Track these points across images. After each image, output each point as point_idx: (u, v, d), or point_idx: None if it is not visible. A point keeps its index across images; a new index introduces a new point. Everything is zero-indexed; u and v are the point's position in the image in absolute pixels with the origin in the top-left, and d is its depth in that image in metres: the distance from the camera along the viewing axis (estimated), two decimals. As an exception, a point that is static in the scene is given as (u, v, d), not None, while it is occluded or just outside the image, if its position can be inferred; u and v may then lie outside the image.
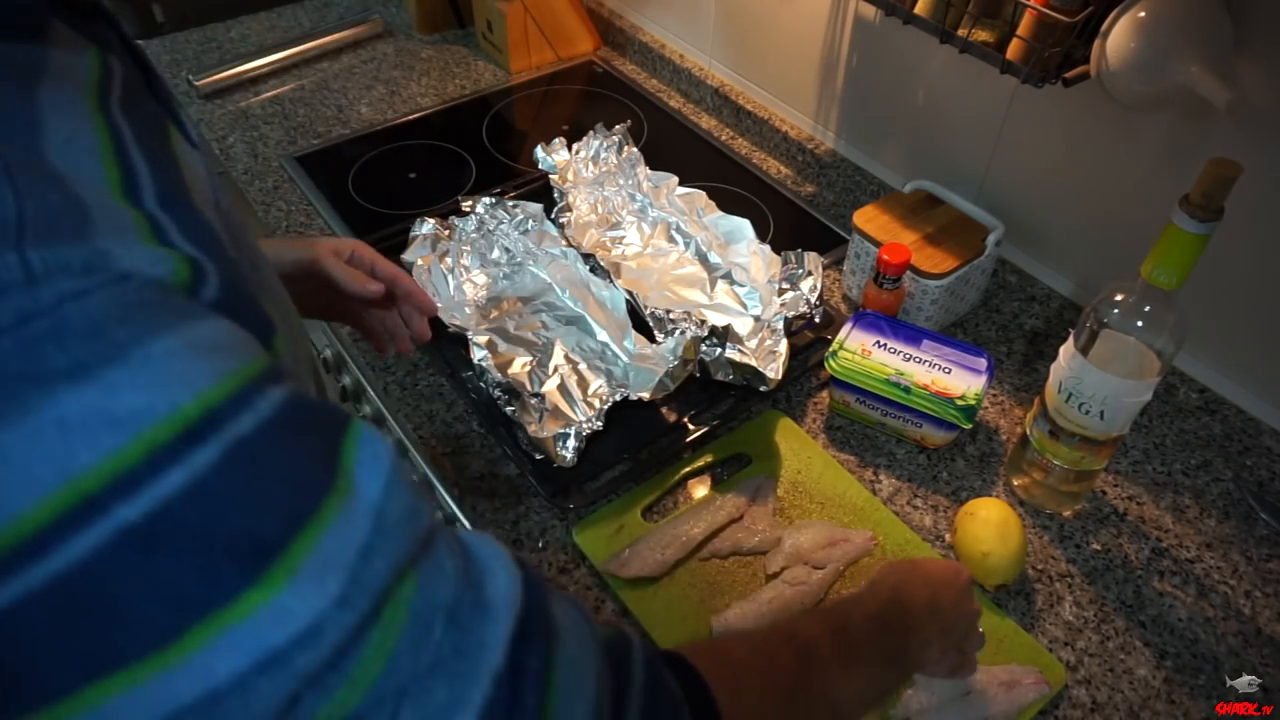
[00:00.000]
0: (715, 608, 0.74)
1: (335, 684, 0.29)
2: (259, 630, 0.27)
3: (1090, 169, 0.93)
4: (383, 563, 0.30)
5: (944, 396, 0.82)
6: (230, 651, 0.27)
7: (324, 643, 0.28)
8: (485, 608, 0.34)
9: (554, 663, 0.36)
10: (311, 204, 1.16)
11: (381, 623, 0.30)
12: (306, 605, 0.28)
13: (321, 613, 0.28)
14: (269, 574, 0.28)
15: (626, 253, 1.04)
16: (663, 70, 1.42)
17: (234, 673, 0.27)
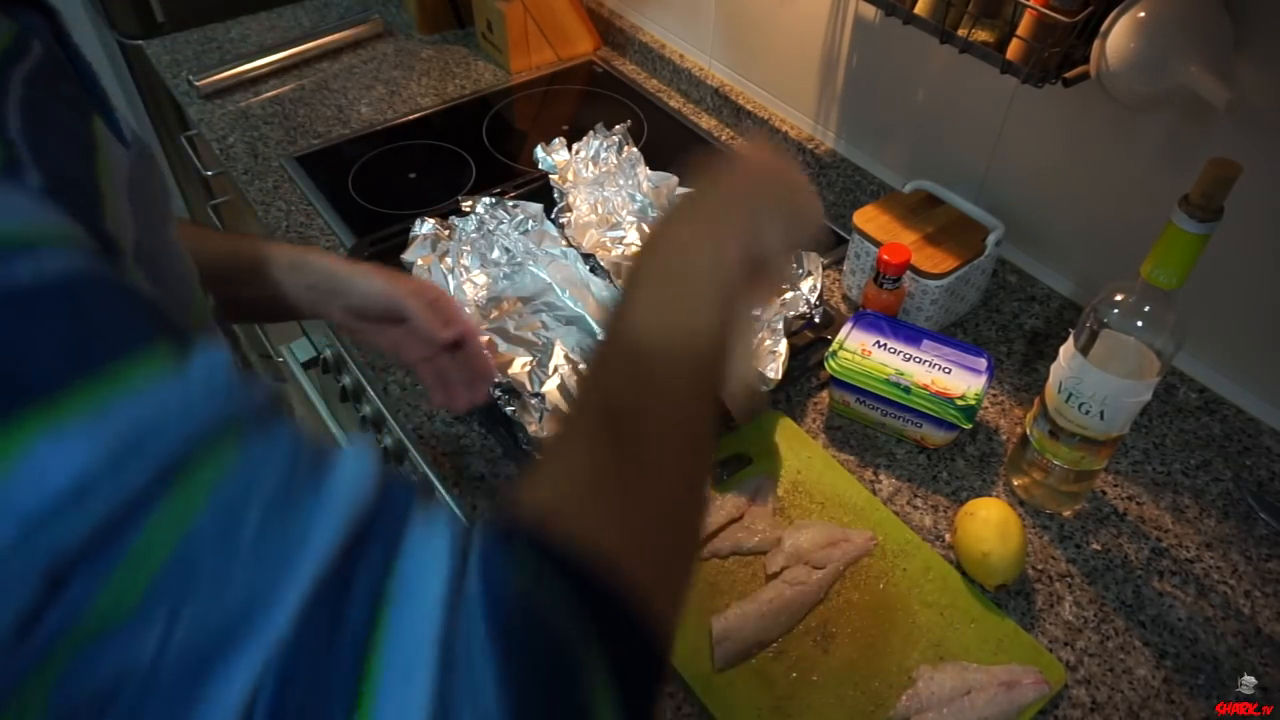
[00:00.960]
0: (715, 608, 0.74)
1: (106, 568, 0.25)
2: (7, 487, 0.24)
3: (1090, 169, 0.93)
4: (177, 430, 0.27)
5: (944, 396, 0.82)
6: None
7: (88, 511, 0.25)
8: (320, 495, 0.30)
9: (396, 568, 0.30)
10: (311, 204, 1.16)
11: (171, 500, 0.27)
12: (69, 460, 0.25)
13: (88, 473, 0.25)
14: (24, 419, 0.25)
15: (627, 253, 1.04)
16: (663, 70, 1.42)
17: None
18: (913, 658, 0.72)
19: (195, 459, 0.28)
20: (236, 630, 0.27)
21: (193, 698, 0.26)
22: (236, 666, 0.27)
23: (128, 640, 0.26)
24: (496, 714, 0.29)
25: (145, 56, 1.46)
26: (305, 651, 0.28)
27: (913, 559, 0.78)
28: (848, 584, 0.77)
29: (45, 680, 0.25)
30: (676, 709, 0.70)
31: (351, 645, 0.28)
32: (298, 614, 0.28)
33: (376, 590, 0.29)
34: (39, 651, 0.25)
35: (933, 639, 0.73)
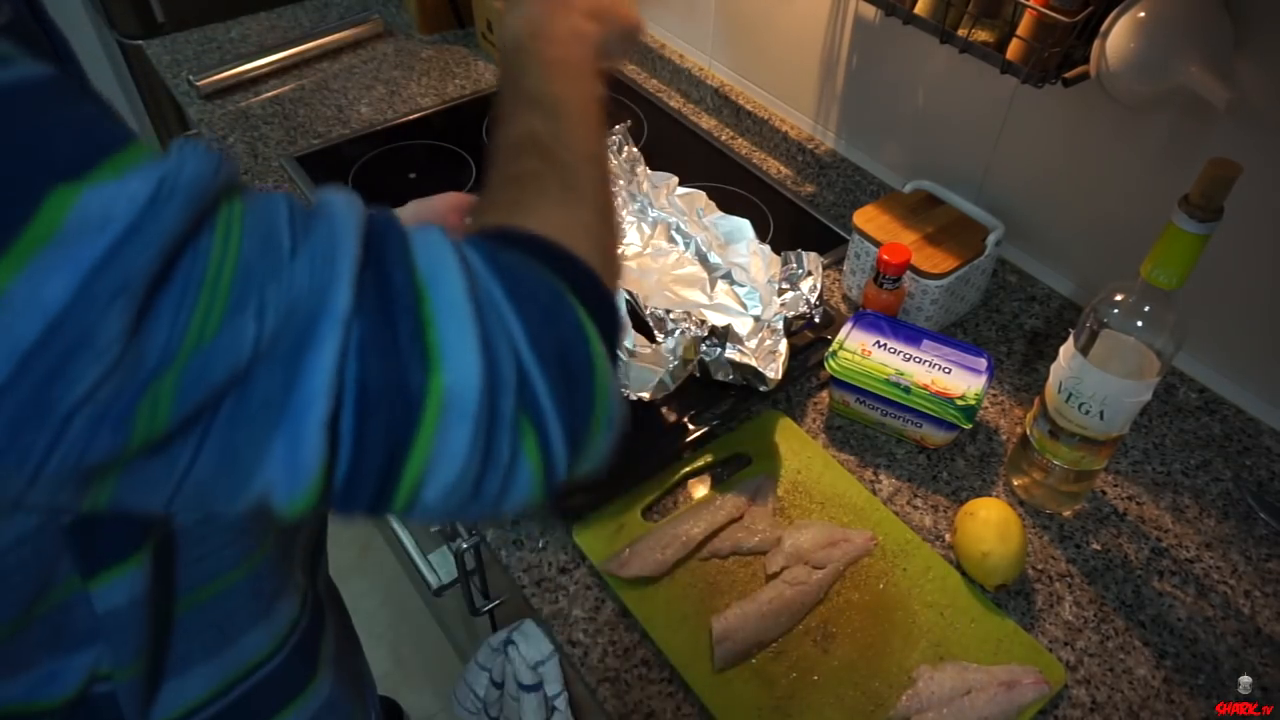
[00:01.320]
0: (715, 608, 0.74)
1: (192, 294, 0.32)
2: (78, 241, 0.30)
3: (1090, 169, 0.93)
4: (195, 174, 0.33)
5: (944, 396, 0.82)
6: (58, 270, 0.29)
7: (147, 238, 0.31)
8: (329, 214, 0.37)
9: (413, 250, 0.38)
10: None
11: (216, 230, 0.33)
12: (117, 206, 0.30)
13: (136, 211, 0.31)
14: (70, 186, 0.30)
15: (626, 253, 1.04)
16: (663, 70, 1.42)
17: (69, 291, 0.29)
18: (913, 658, 0.72)
19: (219, 203, 0.34)
20: (312, 312, 0.34)
21: (295, 368, 0.34)
22: (322, 337, 0.34)
23: (229, 341, 0.33)
24: (524, 340, 0.38)
25: (145, 56, 1.46)
26: (371, 319, 0.35)
27: (913, 559, 0.78)
28: (848, 584, 0.77)
29: (168, 382, 0.32)
30: (676, 709, 0.70)
31: (407, 312, 0.36)
32: (355, 292, 0.35)
33: (409, 268, 0.37)
34: (158, 365, 0.31)
35: (933, 639, 0.73)
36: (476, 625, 1.23)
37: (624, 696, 0.70)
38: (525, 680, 0.84)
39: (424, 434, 0.36)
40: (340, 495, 0.37)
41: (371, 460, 0.36)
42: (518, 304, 0.39)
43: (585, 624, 0.75)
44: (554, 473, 0.40)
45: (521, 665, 0.84)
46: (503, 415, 0.37)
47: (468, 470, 0.37)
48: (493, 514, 0.40)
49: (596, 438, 0.41)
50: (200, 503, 0.36)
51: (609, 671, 0.72)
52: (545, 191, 0.47)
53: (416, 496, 0.37)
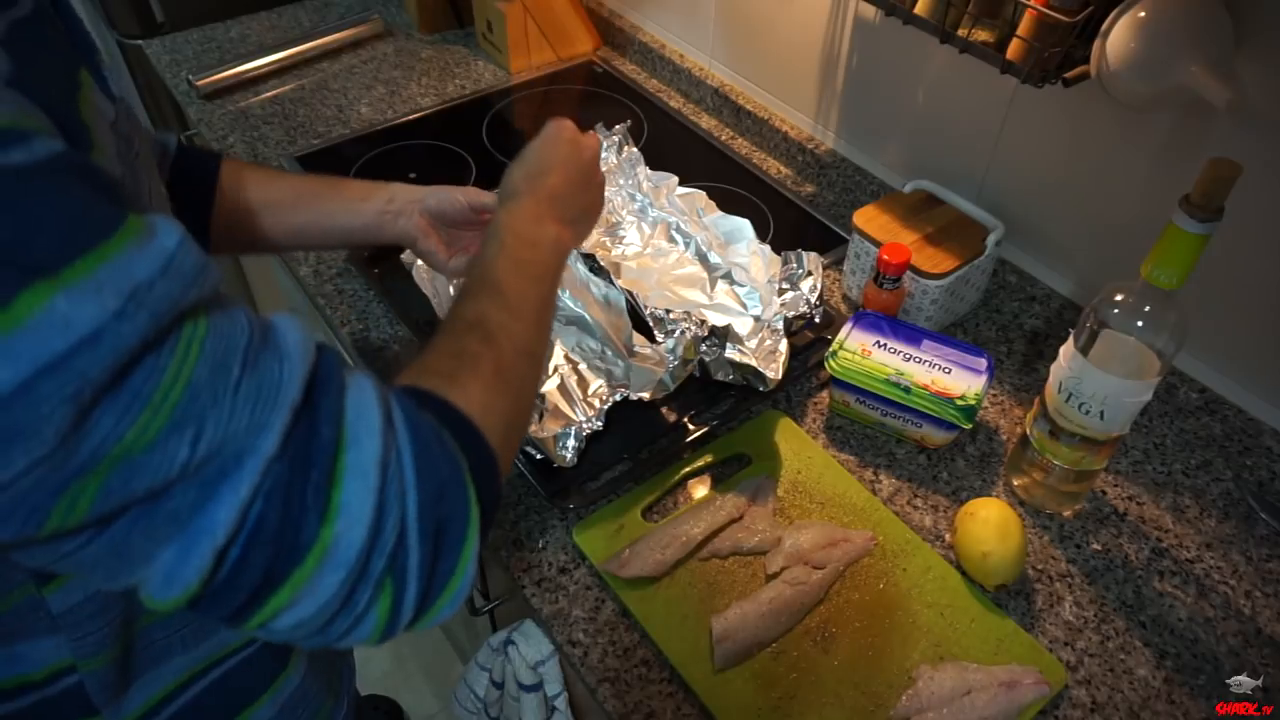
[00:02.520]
0: (715, 608, 0.74)
1: (136, 407, 0.34)
2: (38, 337, 0.31)
3: (1090, 169, 0.93)
4: (165, 292, 0.34)
5: (944, 396, 0.82)
6: (9, 359, 0.31)
7: (104, 349, 0.32)
8: (281, 353, 0.39)
9: (345, 405, 0.41)
10: (311, 204, 1.16)
11: (175, 352, 0.35)
12: (83, 313, 0.32)
13: (100, 322, 0.32)
14: (43, 285, 0.31)
15: (626, 253, 1.04)
16: (663, 70, 1.42)
17: (15, 380, 0.31)
18: (913, 658, 0.72)
19: (184, 320, 0.36)
20: (241, 450, 0.37)
21: (208, 495, 0.36)
22: (242, 474, 0.37)
23: (160, 458, 0.35)
24: (414, 511, 0.42)
25: (145, 56, 1.46)
26: (289, 466, 0.38)
27: (913, 559, 0.78)
28: (848, 584, 0.77)
29: (91, 485, 0.34)
30: (676, 709, 0.70)
31: (322, 467, 0.39)
32: (282, 438, 0.38)
33: (337, 424, 0.41)
34: (85, 464, 0.33)
35: (933, 639, 0.73)
36: (476, 625, 1.23)
37: (624, 696, 0.70)
38: (525, 680, 0.84)
39: (298, 576, 0.39)
40: (203, 603, 0.39)
41: (244, 585, 0.39)
42: (420, 474, 0.43)
43: (585, 624, 0.75)
44: (393, 628, 0.43)
45: (521, 665, 0.84)
46: (372, 573, 0.41)
47: (324, 611, 0.41)
48: (327, 645, 0.44)
49: (441, 607, 0.44)
50: (74, 573, 0.39)
51: (609, 671, 0.72)
52: (478, 373, 0.51)
53: (272, 621, 0.40)
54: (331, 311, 1.01)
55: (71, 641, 0.50)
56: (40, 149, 0.33)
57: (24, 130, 0.33)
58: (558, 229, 0.64)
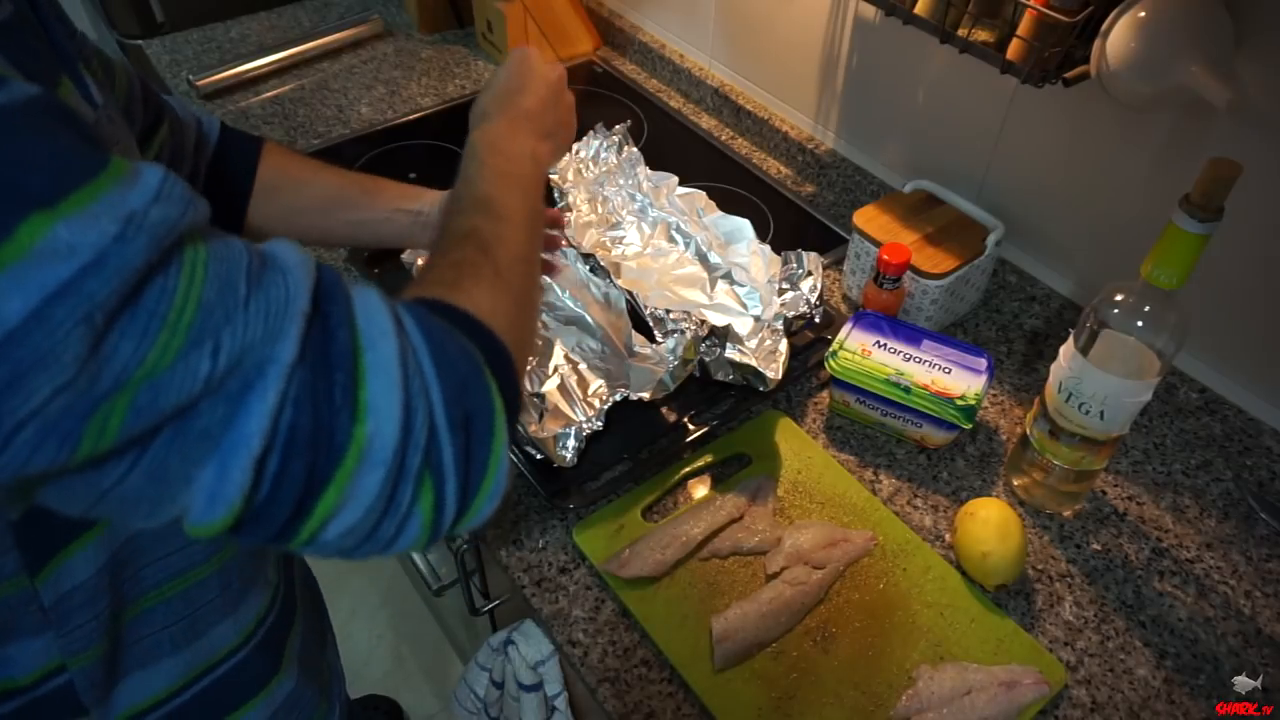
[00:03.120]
0: (715, 608, 0.74)
1: (154, 328, 0.34)
2: (43, 265, 0.31)
3: (1090, 169, 0.93)
4: (161, 216, 0.35)
5: (944, 396, 0.82)
6: (18, 289, 0.31)
7: (109, 271, 0.33)
8: (283, 269, 0.40)
9: (354, 311, 0.42)
10: (311, 204, 1.16)
11: (182, 272, 0.35)
12: (85, 238, 0.32)
13: (102, 246, 0.33)
14: (41, 215, 0.32)
15: (626, 253, 1.04)
16: (663, 70, 1.42)
17: (26, 308, 0.31)
18: (913, 658, 0.72)
19: (184, 244, 0.36)
20: (262, 358, 0.37)
21: (237, 407, 0.37)
22: (267, 382, 0.37)
23: (184, 374, 0.35)
24: (440, 404, 0.42)
25: (145, 56, 1.46)
26: (312, 371, 0.39)
27: (913, 559, 0.78)
28: (848, 584, 0.77)
29: (120, 405, 0.34)
30: (676, 709, 0.70)
31: (344, 369, 0.40)
32: (300, 344, 0.38)
33: (350, 328, 0.41)
34: (110, 388, 0.34)
35: (933, 639, 0.73)
36: (476, 625, 1.23)
37: (624, 696, 0.70)
38: (525, 680, 0.84)
39: (340, 478, 0.40)
40: (250, 524, 0.39)
41: (287, 497, 0.39)
42: (440, 370, 0.43)
43: (585, 624, 0.75)
44: (440, 527, 0.43)
45: (521, 665, 0.84)
46: (410, 469, 0.41)
47: (370, 514, 0.41)
48: (378, 554, 0.44)
49: (482, 501, 0.45)
50: (117, 514, 0.39)
51: (609, 671, 0.72)
52: (479, 277, 0.52)
53: (320, 532, 0.41)
54: (331, 311, 1.01)
55: (61, 638, 0.50)
56: (17, 91, 0.33)
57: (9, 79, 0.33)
58: (534, 142, 0.66)
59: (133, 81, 0.68)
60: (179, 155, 0.74)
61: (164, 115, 0.72)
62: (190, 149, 0.75)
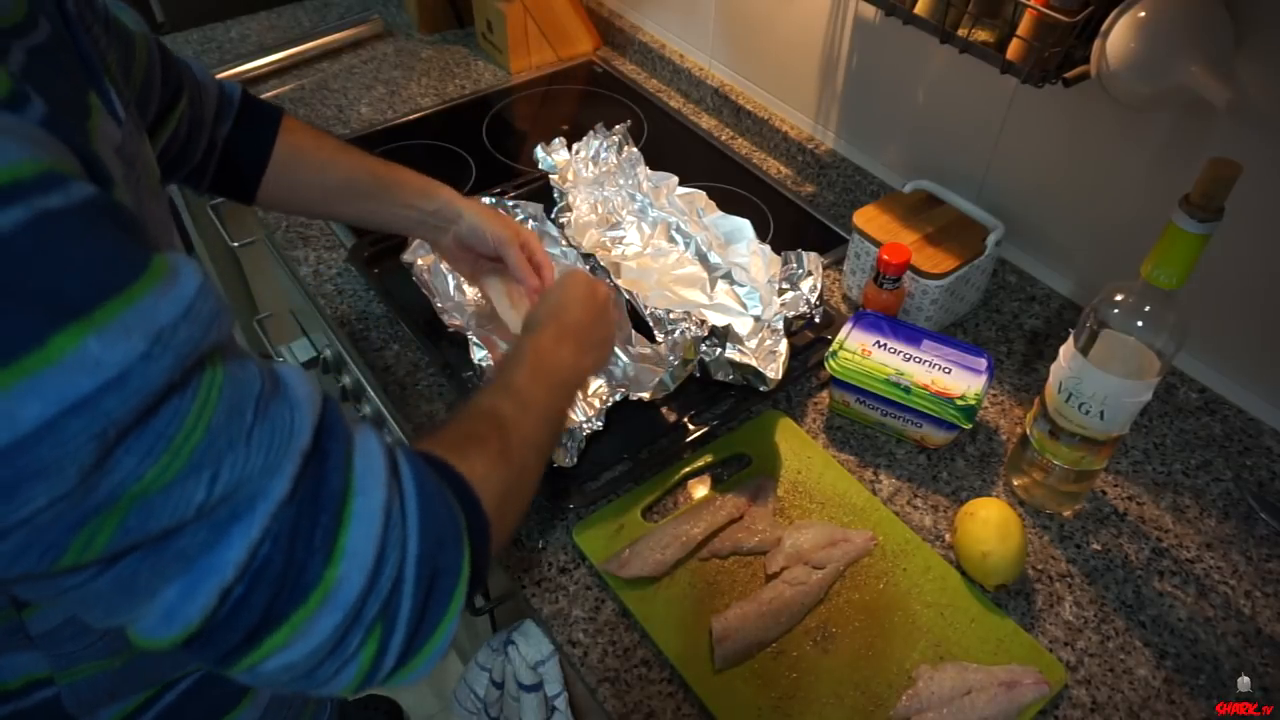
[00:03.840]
0: (715, 608, 0.74)
1: (159, 448, 0.34)
2: (67, 376, 0.32)
3: (1090, 169, 0.93)
4: (188, 335, 0.35)
5: (944, 396, 0.82)
6: (38, 397, 0.31)
7: (130, 390, 0.33)
8: (290, 402, 0.41)
9: (353, 452, 0.43)
10: (311, 204, 1.16)
11: (197, 396, 0.36)
12: (112, 355, 0.32)
13: (127, 364, 0.33)
14: (75, 326, 0.32)
15: (626, 253, 1.04)
16: (663, 70, 1.42)
17: (42, 417, 0.31)
18: (913, 658, 0.72)
19: (204, 366, 0.37)
20: (254, 493, 0.38)
21: (220, 536, 0.37)
22: (254, 517, 0.38)
23: (178, 498, 0.35)
24: (413, 557, 0.43)
25: (145, 56, 1.46)
26: (299, 510, 0.39)
27: (913, 559, 0.78)
28: (848, 584, 0.77)
29: (110, 522, 0.34)
30: (676, 709, 0.70)
31: (330, 512, 0.41)
32: (293, 483, 0.39)
33: (346, 472, 0.42)
34: (104, 502, 0.34)
35: (933, 639, 0.73)
36: (476, 625, 1.23)
37: (624, 696, 0.70)
38: (525, 680, 0.84)
39: (298, 616, 0.40)
40: (197, 644, 0.39)
41: (241, 624, 0.39)
42: (423, 523, 0.44)
43: (585, 624, 0.75)
44: (373, 677, 0.44)
45: (521, 665, 0.84)
46: (366, 616, 0.42)
47: (315, 655, 0.41)
48: (306, 692, 0.44)
49: (419, 661, 0.45)
50: (72, 609, 0.39)
51: (609, 671, 0.72)
52: (485, 450, 0.54)
53: (261, 664, 0.41)
54: (331, 311, 1.01)
55: (50, 657, 0.50)
56: (76, 193, 0.34)
57: (62, 174, 0.33)
58: (576, 352, 0.69)
59: (152, 54, 0.68)
60: (197, 126, 0.74)
61: (184, 87, 0.72)
62: (209, 118, 0.76)
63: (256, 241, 1.35)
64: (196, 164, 0.76)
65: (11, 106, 0.34)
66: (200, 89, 0.75)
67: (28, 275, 0.31)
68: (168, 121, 0.71)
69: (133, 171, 0.47)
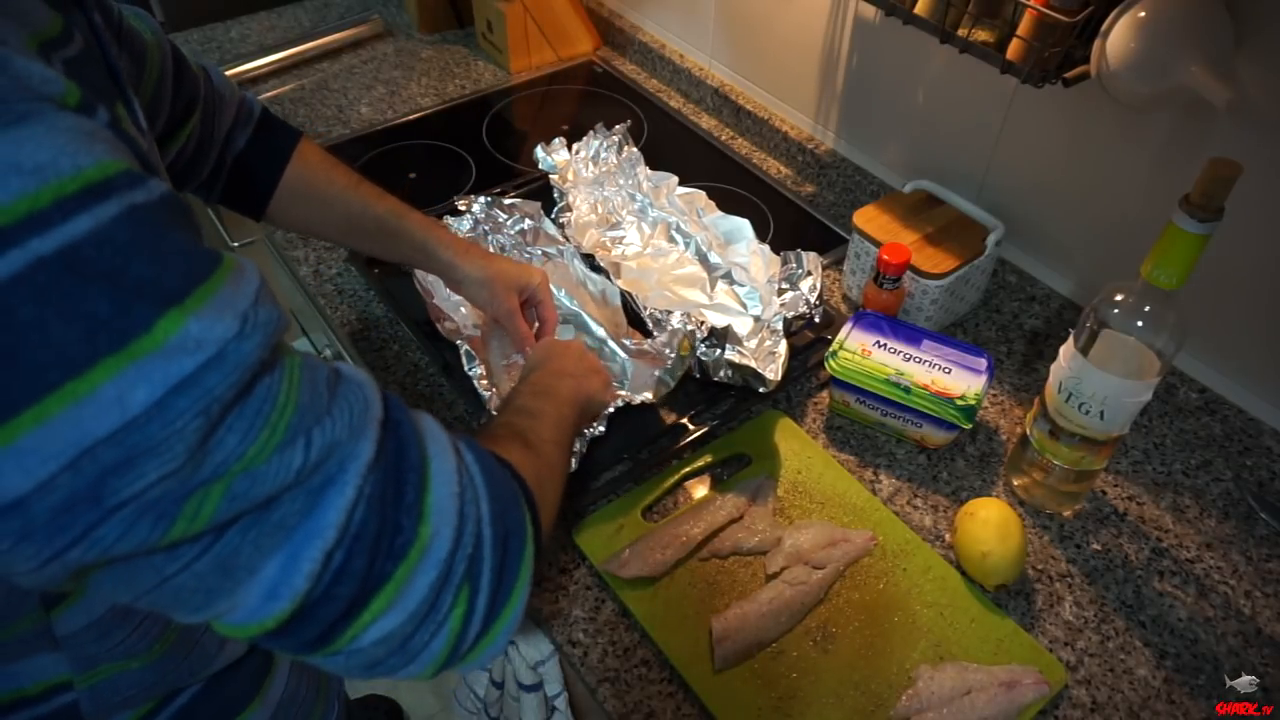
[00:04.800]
0: (715, 608, 0.74)
1: (259, 424, 0.36)
2: (171, 358, 0.33)
3: (1090, 169, 0.93)
4: (266, 316, 0.37)
5: (944, 396, 0.82)
6: (146, 379, 0.33)
7: (229, 366, 0.35)
8: (357, 382, 0.43)
9: (419, 423, 0.46)
10: (311, 204, 1.16)
11: (285, 376, 0.38)
12: (211, 335, 0.34)
13: (225, 342, 0.35)
14: (176, 311, 0.34)
15: (626, 253, 1.04)
16: (663, 70, 1.42)
17: (151, 398, 0.33)
18: (913, 658, 0.72)
19: (283, 350, 0.39)
20: (344, 456, 0.40)
21: (316, 501, 0.39)
22: (346, 479, 0.40)
23: (279, 466, 0.37)
24: (487, 518, 0.46)
25: (145, 56, 1.46)
26: (385, 474, 0.42)
27: (913, 559, 0.78)
28: (848, 584, 0.77)
29: (216, 492, 0.36)
30: (676, 709, 0.70)
31: (415, 474, 0.43)
32: (377, 446, 0.42)
33: (419, 442, 0.45)
34: (210, 476, 0.35)
35: (933, 639, 0.73)
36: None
37: (624, 696, 0.70)
38: (525, 680, 0.84)
39: (399, 575, 0.42)
40: (297, 622, 0.40)
41: (344, 593, 0.40)
42: (490, 490, 0.47)
43: (585, 624, 0.75)
44: (461, 645, 0.45)
45: (521, 665, 0.84)
46: (456, 574, 0.44)
47: (412, 619, 0.43)
48: (399, 670, 0.45)
49: (500, 628, 0.47)
50: (168, 604, 0.40)
51: (609, 671, 0.72)
52: (513, 443, 0.58)
53: (361, 636, 0.42)
54: (331, 311, 1.01)
55: (71, 660, 0.50)
56: (155, 189, 0.35)
57: (139, 173, 0.35)
58: (573, 377, 0.74)
59: (165, 65, 0.68)
60: (207, 141, 0.75)
61: (197, 100, 0.72)
62: (223, 133, 0.76)
63: (256, 242, 1.35)
64: (205, 179, 0.77)
65: (86, 112, 0.35)
66: (217, 101, 0.75)
67: (129, 265, 0.33)
68: (177, 136, 0.71)
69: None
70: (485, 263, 0.85)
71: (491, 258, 0.87)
